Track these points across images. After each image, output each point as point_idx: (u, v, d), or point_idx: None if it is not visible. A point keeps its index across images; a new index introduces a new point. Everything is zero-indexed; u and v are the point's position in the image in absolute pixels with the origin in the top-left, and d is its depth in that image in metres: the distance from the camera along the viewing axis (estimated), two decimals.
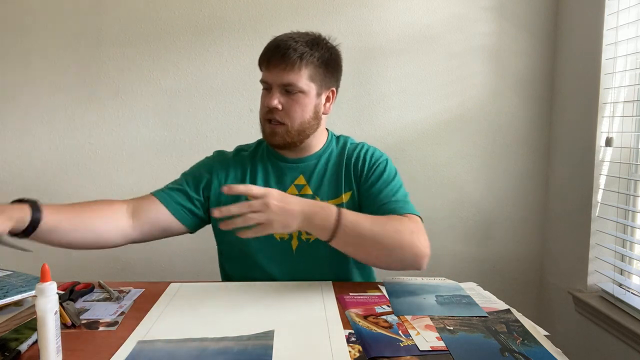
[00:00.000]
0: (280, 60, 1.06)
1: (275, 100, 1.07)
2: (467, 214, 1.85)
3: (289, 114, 1.09)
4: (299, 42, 1.08)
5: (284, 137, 1.11)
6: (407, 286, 1.01)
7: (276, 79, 1.07)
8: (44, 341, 0.64)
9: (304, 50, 1.07)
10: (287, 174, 1.17)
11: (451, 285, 1.02)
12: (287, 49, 1.06)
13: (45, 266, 0.66)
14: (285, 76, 1.07)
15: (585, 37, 1.60)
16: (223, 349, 0.72)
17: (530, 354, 0.71)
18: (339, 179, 1.18)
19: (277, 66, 1.07)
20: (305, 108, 1.10)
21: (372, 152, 1.21)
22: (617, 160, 1.51)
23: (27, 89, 1.72)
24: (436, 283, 1.03)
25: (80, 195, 1.76)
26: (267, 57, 1.09)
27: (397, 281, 1.05)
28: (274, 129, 1.10)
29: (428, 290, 0.99)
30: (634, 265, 1.49)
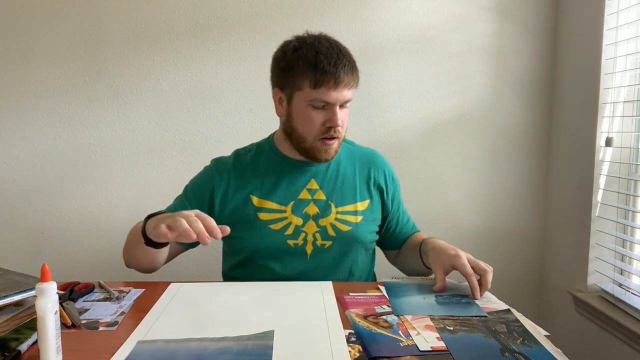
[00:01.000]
0: (348, 80, 1.04)
1: (340, 119, 1.06)
2: (467, 213, 1.85)
3: (343, 126, 1.09)
4: (348, 58, 1.06)
5: (336, 149, 1.11)
6: (407, 286, 1.01)
7: (341, 97, 1.05)
8: (44, 341, 0.64)
9: (354, 66, 1.07)
10: (299, 178, 1.15)
11: (451, 285, 1.02)
12: (348, 68, 1.04)
13: (45, 266, 0.66)
14: (348, 93, 1.06)
15: (585, 37, 1.60)
16: (223, 349, 0.72)
17: (530, 354, 0.71)
18: (355, 186, 1.18)
19: (345, 86, 1.04)
20: (347, 117, 1.12)
21: (387, 162, 1.26)
22: (617, 160, 1.51)
23: (27, 89, 1.72)
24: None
25: (80, 195, 1.76)
26: (333, 78, 1.02)
27: (397, 281, 1.05)
28: (332, 145, 1.08)
29: (428, 290, 0.99)
30: (634, 265, 1.49)
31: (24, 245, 1.77)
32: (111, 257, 1.79)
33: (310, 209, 1.13)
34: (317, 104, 1.04)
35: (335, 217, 1.14)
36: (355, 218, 1.15)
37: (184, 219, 0.84)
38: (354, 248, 1.16)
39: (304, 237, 1.12)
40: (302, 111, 1.07)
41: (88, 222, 1.78)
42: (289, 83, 1.07)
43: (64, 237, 1.77)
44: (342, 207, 1.15)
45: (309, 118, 1.06)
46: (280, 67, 1.08)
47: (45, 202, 1.76)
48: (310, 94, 1.04)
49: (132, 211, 1.77)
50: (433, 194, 1.84)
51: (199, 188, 1.17)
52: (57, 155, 1.75)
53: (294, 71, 1.05)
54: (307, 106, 1.05)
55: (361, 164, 1.20)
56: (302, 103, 1.06)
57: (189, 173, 1.24)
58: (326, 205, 1.14)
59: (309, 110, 1.05)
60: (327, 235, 1.13)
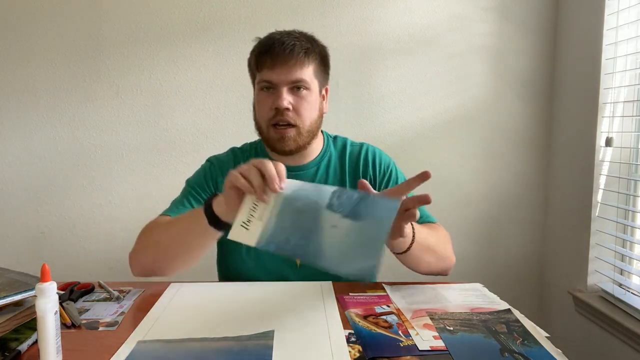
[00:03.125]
0: (288, 57, 0.99)
1: (285, 100, 1.00)
2: (467, 214, 1.85)
3: (299, 113, 1.02)
4: (299, 38, 1.03)
5: (296, 141, 1.04)
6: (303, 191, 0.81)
7: (284, 77, 1.00)
8: (44, 341, 0.64)
9: (307, 45, 1.03)
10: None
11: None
12: (292, 45, 1.00)
13: (45, 266, 0.66)
14: (294, 73, 1.00)
15: (585, 37, 1.60)
16: (223, 349, 0.72)
17: (530, 354, 0.70)
18: (344, 186, 1.11)
19: (285, 63, 1.00)
20: (313, 106, 1.05)
21: (378, 155, 1.15)
22: (617, 160, 1.51)
23: (27, 89, 1.72)
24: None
25: (80, 195, 1.76)
26: (270, 55, 1.00)
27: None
28: (284, 133, 1.03)
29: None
30: (634, 265, 1.49)
31: (24, 245, 1.77)
32: (111, 257, 1.79)
33: None
34: (262, 84, 1.03)
35: None
36: None
37: (253, 173, 0.76)
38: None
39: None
40: (256, 97, 1.07)
41: (88, 222, 1.78)
42: (251, 77, 1.09)
43: (64, 237, 1.78)
44: None
45: (259, 100, 1.05)
46: (248, 67, 1.10)
47: (45, 202, 1.76)
48: (258, 77, 1.04)
49: (132, 211, 1.77)
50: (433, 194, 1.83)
51: (204, 182, 1.13)
52: (57, 155, 1.75)
53: (250, 61, 1.08)
54: (259, 91, 1.05)
55: (350, 161, 1.14)
56: (256, 90, 1.06)
57: (189, 173, 1.24)
58: None
59: (260, 93, 1.05)
60: None
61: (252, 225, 0.76)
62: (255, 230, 0.76)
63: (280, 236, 0.75)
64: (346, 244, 0.73)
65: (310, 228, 0.75)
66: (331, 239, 0.74)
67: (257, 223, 0.76)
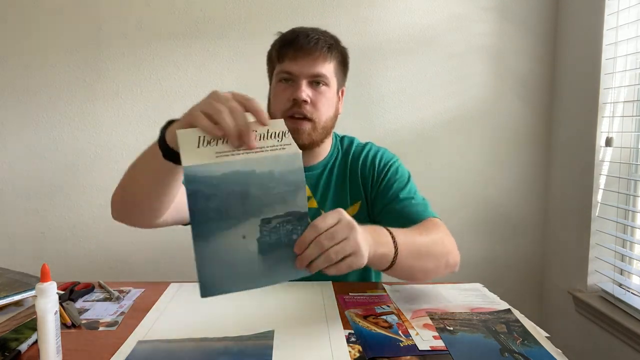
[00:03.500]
0: (312, 49, 0.98)
1: (304, 92, 0.98)
2: (466, 214, 1.85)
3: (317, 108, 1.00)
4: (323, 34, 1.02)
5: (311, 135, 1.01)
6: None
7: (306, 69, 0.99)
8: (44, 341, 0.64)
9: (331, 41, 1.02)
10: None
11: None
12: (317, 39, 0.99)
13: (45, 266, 0.66)
14: (316, 66, 0.99)
15: (585, 37, 1.60)
16: (223, 349, 0.72)
17: (530, 354, 0.71)
18: (345, 188, 1.09)
19: (308, 55, 0.98)
20: (330, 102, 1.03)
21: (381, 154, 1.12)
22: (617, 160, 1.51)
23: (28, 89, 1.72)
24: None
25: (80, 195, 1.76)
26: (293, 46, 0.99)
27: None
28: (300, 125, 1.00)
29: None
30: (634, 265, 1.49)
31: (24, 245, 1.77)
32: (111, 257, 1.79)
33: None
34: (282, 75, 1.01)
35: None
36: None
37: (224, 107, 0.63)
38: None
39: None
40: (274, 88, 1.04)
41: (88, 222, 1.78)
42: (269, 69, 1.07)
43: (64, 237, 1.78)
44: None
45: (277, 92, 1.03)
46: (266, 60, 1.09)
47: (45, 202, 1.76)
48: (278, 69, 1.02)
49: None
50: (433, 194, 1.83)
51: None
52: (57, 155, 1.75)
53: (271, 54, 1.06)
54: (277, 82, 1.03)
55: (352, 161, 1.12)
56: (274, 81, 1.04)
57: None
58: (317, 214, 1.04)
59: (278, 85, 1.03)
60: None
61: (205, 152, 0.63)
62: (207, 158, 0.63)
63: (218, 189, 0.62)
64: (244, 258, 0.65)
65: (237, 215, 0.64)
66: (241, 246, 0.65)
67: (210, 153, 0.63)
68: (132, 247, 1.79)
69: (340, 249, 0.67)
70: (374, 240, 0.75)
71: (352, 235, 0.68)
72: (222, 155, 0.63)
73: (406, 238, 0.83)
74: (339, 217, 0.70)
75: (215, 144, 0.64)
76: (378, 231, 0.79)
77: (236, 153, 0.64)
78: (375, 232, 0.78)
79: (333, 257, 0.67)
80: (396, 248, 0.80)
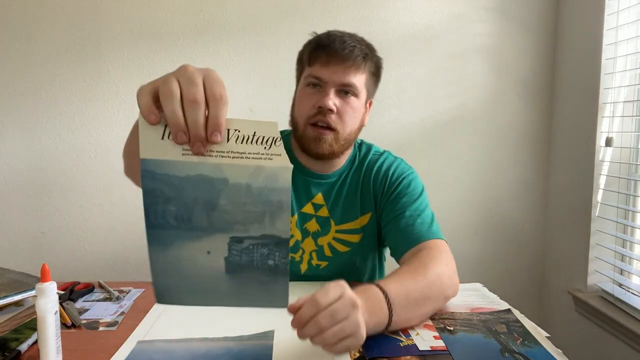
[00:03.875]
0: (346, 57, 0.93)
1: (331, 100, 0.93)
2: (467, 214, 1.85)
3: (342, 118, 0.96)
4: (360, 42, 0.97)
5: (332, 146, 0.96)
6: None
7: (336, 76, 0.94)
8: (44, 341, 0.64)
9: (366, 50, 0.97)
10: (307, 189, 1.04)
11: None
12: (352, 46, 0.94)
13: (45, 266, 0.66)
14: (348, 75, 0.94)
15: (585, 37, 1.60)
16: (223, 349, 0.72)
17: (530, 354, 0.70)
18: (356, 199, 1.05)
19: (341, 62, 0.93)
20: (356, 114, 0.98)
21: (395, 165, 1.07)
22: (617, 160, 1.51)
23: (28, 89, 1.72)
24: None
25: (80, 195, 1.76)
26: (327, 51, 0.94)
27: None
28: (322, 134, 0.95)
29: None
30: (634, 265, 1.49)
31: (24, 245, 1.77)
32: (111, 257, 1.79)
33: (311, 226, 1.04)
34: (311, 80, 0.96)
35: (334, 237, 1.04)
36: (355, 237, 1.05)
37: (174, 93, 0.50)
38: (352, 273, 1.06)
39: (301, 254, 1.05)
40: (300, 92, 1.00)
41: (88, 222, 1.78)
42: (299, 70, 1.03)
43: (64, 237, 1.78)
44: (342, 225, 1.04)
45: (303, 96, 0.98)
46: (297, 59, 1.04)
47: (45, 202, 1.76)
48: (307, 72, 0.97)
49: (132, 211, 1.77)
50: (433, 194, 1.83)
51: None
52: (57, 155, 1.75)
53: (301, 54, 1.01)
54: (304, 86, 0.98)
55: (367, 170, 1.07)
56: (301, 84, 1.00)
57: None
58: (326, 222, 1.04)
59: (305, 89, 0.98)
60: (323, 256, 1.05)
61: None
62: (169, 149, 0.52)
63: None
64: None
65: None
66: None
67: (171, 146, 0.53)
68: (132, 247, 1.79)
69: (338, 331, 0.63)
70: (369, 312, 0.70)
71: (352, 314, 0.64)
72: (190, 154, 0.52)
73: (400, 290, 0.76)
74: (341, 292, 0.66)
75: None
76: (372, 299, 0.72)
77: (208, 154, 0.52)
78: (370, 301, 0.72)
79: (330, 340, 0.63)
80: (390, 312, 0.73)
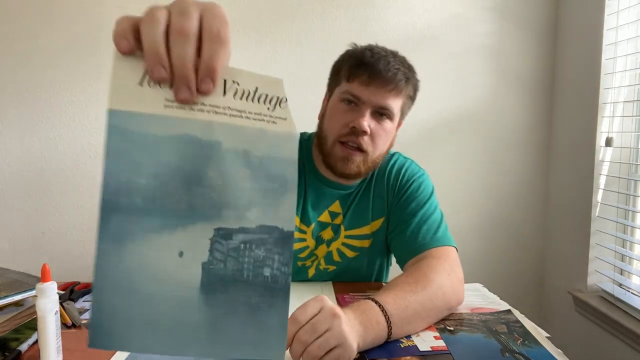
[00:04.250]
0: (389, 80, 0.90)
1: (366, 122, 0.90)
2: (467, 214, 1.85)
3: (374, 141, 0.93)
4: (403, 64, 0.94)
5: (359, 167, 0.94)
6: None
7: (375, 98, 0.91)
8: (44, 341, 0.64)
9: (408, 75, 0.94)
10: (325, 198, 1.02)
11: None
12: (396, 69, 0.91)
13: (46, 266, 0.66)
14: (387, 99, 0.91)
15: (585, 37, 1.60)
16: None
17: (530, 354, 0.70)
18: (368, 203, 1.03)
19: (383, 85, 0.90)
20: (388, 137, 0.96)
21: (406, 167, 1.05)
22: (617, 160, 1.51)
23: (28, 89, 1.72)
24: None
25: (80, 195, 1.76)
26: (370, 70, 0.90)
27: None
28: (351, 155, 0.92)
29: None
30: (634, 265, 1.49)
31: (24, 245, 1.77)
32: None
33: (326, 234, 1.03)
34: (347, 96, 0.92)
35: (343, 242, 1.04)
36: (365, 242, 1.04)
37: (158, 19, 0.40)
38: (358, 276, 1.06)
39: (312, 260, 1.05)
40: (333, 106, 0.96)
41: (88, 222, 1.78)
42: (333, 80, 0.99)
43: (64, 237, 1.77)
44: (351, 230, 1.03)
45: (336, 111, 0.94)
46: (332, 67, 1.01)
47: (45, 202, 1.76)
48: (344, 87, 0.94)
49: None
50: None
51: None
52: (57, 155, 1.75)
53: (339, 65, 0.98)
54: (339, 101, 0.94)
55: (378, 173, 1.04)
56: (336, 98, 0.96)
57: None
58: (338, 229, 1.03)
59: (339, 104, 0.94)
60: (331, 260, 1.05)
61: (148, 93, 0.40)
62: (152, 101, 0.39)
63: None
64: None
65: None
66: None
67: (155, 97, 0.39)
68: None
69: (323, 343, 0.62)
70: (364, 326, 0.68)
71: (334, 325, 0.63)
72: (175, 107, 0.39)
73: (398, 304, 0.74)
74: (320, 306, 0.65)
75: (168, 85, 0.39)
76: (367, 312, 0.71)
77: (198, 108, 0.39)
78: (364, 315, 0.70)
79: (317, 353, 0.62)
80: (389, 326, 0.72)
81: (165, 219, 0.38)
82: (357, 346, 0.66)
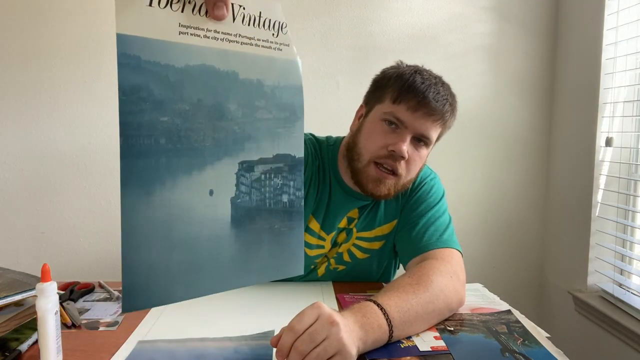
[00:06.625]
0: (435, 111, 0.89)
1: (406, 147, 0.89)
2: (466, 214, 1.85)
3: (409, 167, 0.92)
4: (450, 94, 0.94)
5: (390, 190, 0.93)
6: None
7: (419, 125, 0.89)
8: (44, 341, 0.64)
9: (454, 106, 0.95)
10: (346, 204, 1.01)
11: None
12: (444, 100, 0.91)
13: (46, 266, 0.66)
14: (430, 128, 0.90)
15: (585, 37, 1.60)
16: (223, 349, 0.72)
17: (530, 354, 0.71)
18: (381, 206, 1.03)
19: (429, 114, 0.89)
20: (422, 163, 0.96)
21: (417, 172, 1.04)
22: (617, 160, 1.51)
23: (27, 89, 1.72)
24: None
25: (80, 195, 1.76)
26: (419, 98, 0.89)
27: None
28: (384, 177, 0.91)
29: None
30: (634, 265, 1.49)
31: (24, 245, 1.77)
32: (111, 257, 1.79)
33: (340, 237, 1.04)
34: (390, 118, 0.90)
35: (354, 243, 1.04)
36: (376, 244, 1.05)
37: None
38: (367, 275, 1.07)
39: (323, 260, 1.06)
40: (372, 123, 0.94)
41: (88, 222, 1.78)
42: (375, 96, 0.98)
43: (64, 237, 1.77)
44: (363, 232, 1.04)
45: (375, 131, 0.92)
46: (375, 81, 1.00)
47: (45, 202, 1.76)
48: (388, 107, 0.91)
49: None
50: None
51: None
52: (57, 155, 1.75)
53: (385, 83, 0.96)
54: (379, 120, 0.92)
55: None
56: (376, 115, 0.94)
57: None
58: (350, 231, 1.04)
59: (379, 124, 0.92)
60: (341, 261, 1.06)
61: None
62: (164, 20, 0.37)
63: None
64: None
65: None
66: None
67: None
68: None
69: (322, 352, 0.61)
70: (364, 329, 0.68)
71: (333, 332, 0.62)
72: (190, 34, 0.36)
73: (400, 306, 0.74)
74: (317, 314, 0.64)
75: (181, 8, 0.36)
76: (368, 315, 0.70)
77: (212, 35, 0.37)
78: (365, 318, 0.70)
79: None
80: (391, 328, 0.72)
81: (193, 157, 0.36)
82: (357, 350, 0.66)
